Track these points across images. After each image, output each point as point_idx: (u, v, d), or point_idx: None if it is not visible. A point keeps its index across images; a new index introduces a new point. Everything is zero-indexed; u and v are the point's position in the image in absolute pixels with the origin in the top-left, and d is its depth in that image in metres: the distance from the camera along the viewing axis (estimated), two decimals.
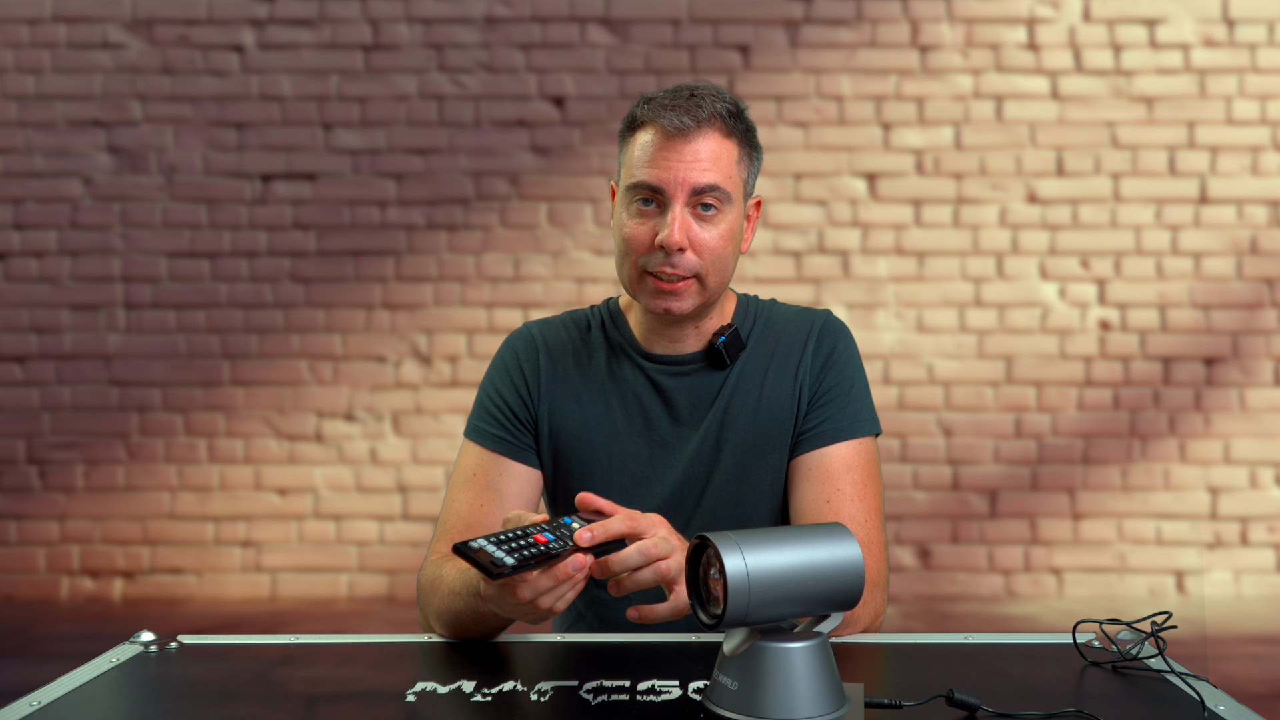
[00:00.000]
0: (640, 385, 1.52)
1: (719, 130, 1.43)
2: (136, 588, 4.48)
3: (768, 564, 1.05)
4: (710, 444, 1.50)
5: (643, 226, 1.41)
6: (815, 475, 1.47)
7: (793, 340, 1.53)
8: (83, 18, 4.51)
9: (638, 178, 1.41)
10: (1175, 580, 4.46)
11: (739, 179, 1.46)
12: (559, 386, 1.53)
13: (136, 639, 1.35)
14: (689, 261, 1.41)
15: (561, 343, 1.55)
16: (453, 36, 4.52)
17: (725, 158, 1.43)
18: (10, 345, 4.51)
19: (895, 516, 4.49)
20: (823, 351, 1.51)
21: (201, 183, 4.53)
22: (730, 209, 1.45)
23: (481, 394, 1.56)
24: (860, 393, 1.52)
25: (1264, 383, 4.47)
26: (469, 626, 1.36)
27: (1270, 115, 4.47)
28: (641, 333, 1.53)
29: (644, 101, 1.45)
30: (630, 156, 1.44)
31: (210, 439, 4.51)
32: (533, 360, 1.54)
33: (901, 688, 1.17)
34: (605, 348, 1.55)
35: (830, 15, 4.50)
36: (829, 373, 1.50)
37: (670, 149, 1.40)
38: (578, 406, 1.52)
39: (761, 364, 1.52)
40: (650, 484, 1.50)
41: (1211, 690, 1.17)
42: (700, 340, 1.52)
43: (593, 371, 1.53)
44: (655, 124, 1.41)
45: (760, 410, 1.50)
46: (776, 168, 4.50)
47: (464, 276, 4.52)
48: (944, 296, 4.50)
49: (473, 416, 1.55)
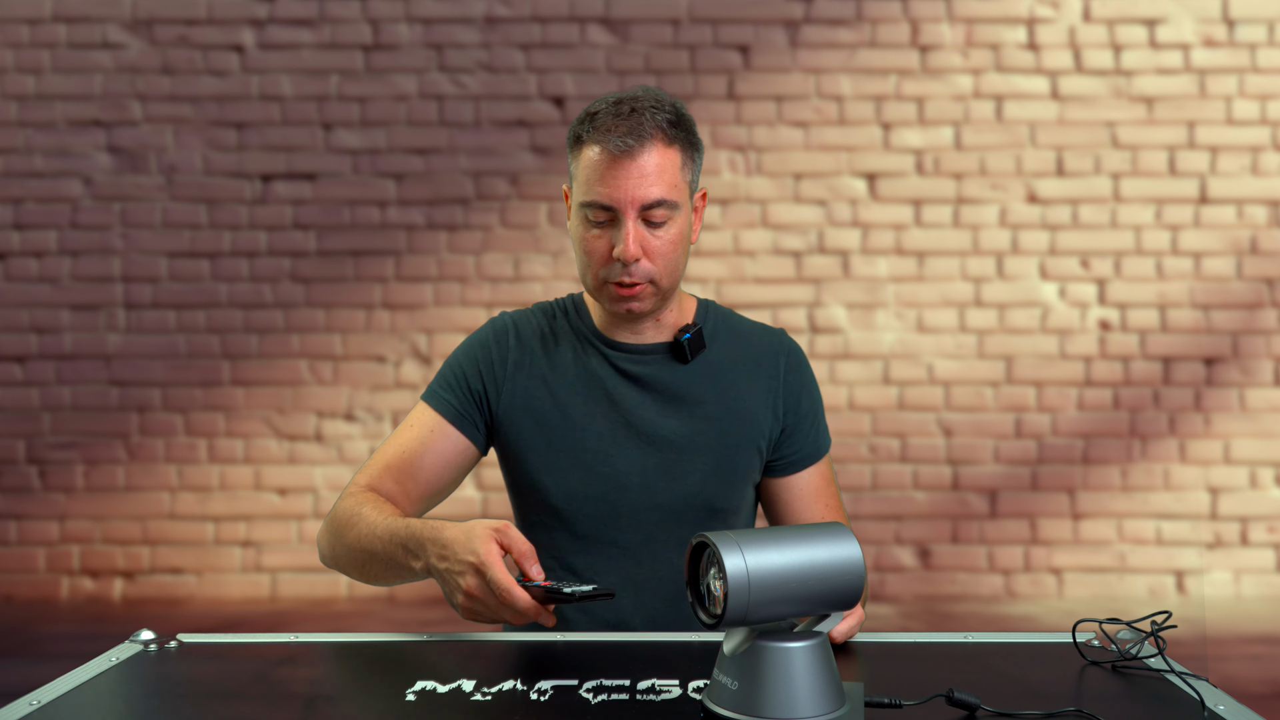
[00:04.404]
0: (605, 370, 1.59)
1: (661, 142, 1.48)
2: (136, 588, 4.48)
3: (768, 564, 1.05)
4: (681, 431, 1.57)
5: (600, 240, 1.50)
6: (807, 495, 1.63)
7: (763, 352, 1.63)
8: (83, 18, 4.51)
9: (589, 197, 1.49)
10: (1175, 580, 4.46)
11: (684, 184, 1.53)
12: (529, 369, 1.60)
13: (136, 638, 1.35)
14: (644, 269, 1.49)
15: (533, 329, 1.63)
16: (453, 36, 4.52)
17: (670, 167, 1.49)
18: (10, 345, 4.51)
19: (895, 516, 4.49)
20: (795, 373, 1.63)
21: (201, 183, 4.53)
22: (678, 215, 1.51)
23: (445, 367, 1.63)
24: (823, 412, 1.68)
25: (1264, 383, 4.47)
26: (378, 571, 1.47)
27: (1270, 115, 4.47)
28: (603, 323, 1.61)
29: (587, 118, 1.51)
30: (579, 172, 1.51)
31: (210, 439, 4.51)
32: (504, 345, 1.62)
33: (901, 687, 1.17)
34: (572, 334, 1.63)
35: (830, 15, 4.50)
36: (805, 397, 1.63)
37: (617, 167, 1.46)
38: (545, 387, 1.59)
39: (732, 366, 1.61)
40: (614, 461, 1.56)
41: (1211, 690, 1.17)
42: (660, 332, 1.60)
43: (560, 356, 1.61)
44: (601, 145, 1.47)
45: (736, 410, 1.59)
46: (776, 168, 4.50)
47: (464, 276, 4.52)
48: (944, 296, 4.50)
49: (432, 383, 1.63)
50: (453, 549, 1.30)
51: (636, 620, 1.55)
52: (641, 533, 1.56)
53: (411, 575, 1.42)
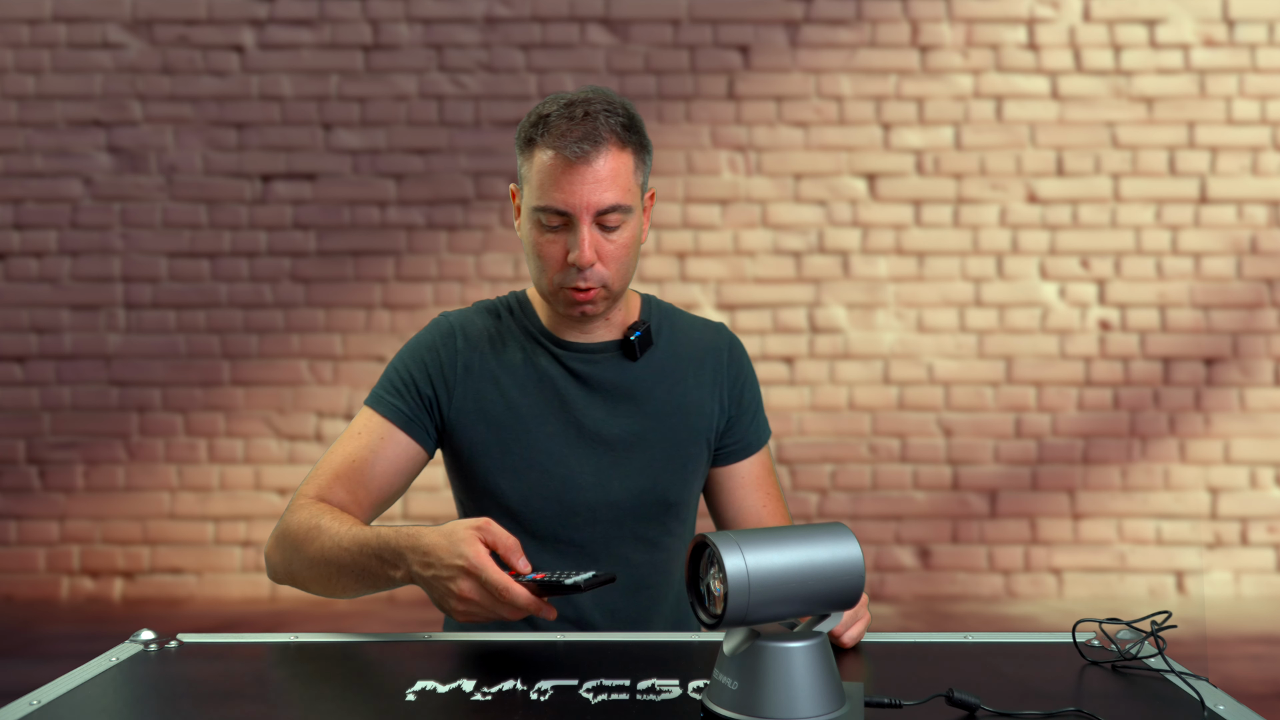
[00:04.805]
0: (555, 370, 1.59)
1: (615, 146, 1.47)
2: (136, 588, 4.48)
3: (768, 564, 1.05)
4: (633, 428, 1.58)
5: (553, 245, 1.49)
6: (749, 483, 1.66)
7: (707, 349, 1.66)
8: (83, 18, 4.51)
9: (543, 202, 1.47)
10: (1175, 580, 4.46)
11: (636, 186, 1.52)
12: (477, 371, 1.59)
13: (136, 638, 1.35)
14: (599, 273, 1.49)
15: (478, 330, 1.62)
16: (453, 36, 4.52)
17: (623, 171, 1.48)
18: (10, 345, 4.51)
19: (895, 516, 4.49)
20: (736, 365, 1.67)
21: (201, 183, 4.53)
22: (631, 219, 1.51)
23: (390, 370, 1.60)
24: (762, 403, 1.72)
25: (1264, 383, 4.47)
26: (347, 584, 1.42)
27: (1270, 115, 4.47)
28: (551, 322, 1.61)
29: (539, 120, 1.49)
30: (532, 175, 1.49)
31: (210, 439, 4.51)
32: (451, 347, 1.59)
33: (901, 687, 1.17)
34: (519, 334, 1.62)
35: (830, 15, 4.50)
36: (747, 388, 1.67)
37: (572, 173, 1.45)
38: (496, 389, 1.58)
39: (679, 363, 1.63)
40: (567, 461, 1.56)
41: (1211, 690, 1.17)
42: (610, 330, 1.61)
43: (509, 356, 1.60)
44: (556, 150, 1.46)
45: (685, 405, 1.61)
46: (776, 168, 4.50)
47: (464, 276, 4.52)
48: (944, 296, 4.50)
49: (376, 388, 1.60)
50: (436, 554, 1.28)
51: (596, 616, 1.56)
52: (598, 530, 1.57)
53: (388, 584, 1.39)
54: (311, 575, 1.45)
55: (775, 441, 4.43)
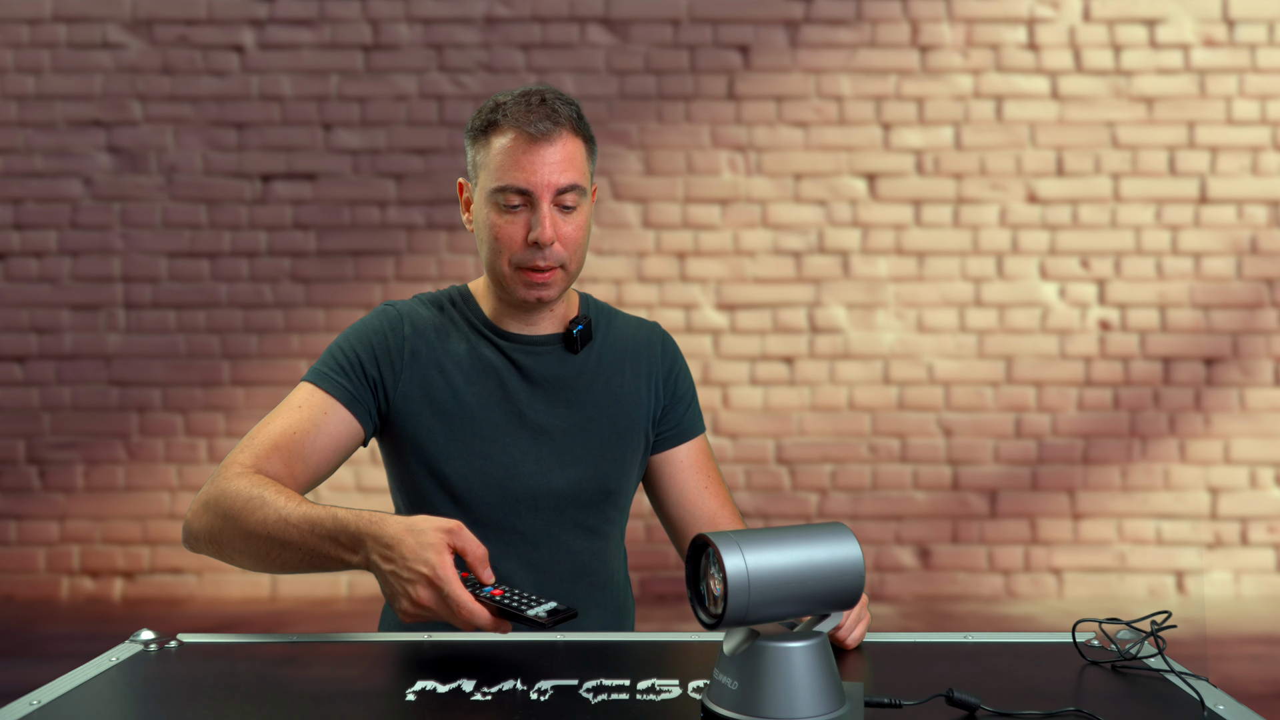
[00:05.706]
0: (498, 360, 1.62)
1: (571, 132, 1.54)
2: (136, 588, 4.48)
3: (768, 564, 1.05)
4: (573, 419, 1.62)
5: (513, 226, 1.53)
6: (689, 467, 1.71)
7: (642, 344, 1.72)
8: (83, 18, 4.51)
9: (504, 181, 1.52)
10: (1175, 580, 4.46)
11: (588, 174, 1.58)
12: (424, 358, 1.60)
13: (136, 638, 1.35)
14: (557, 253, 1.54)
15: (423, 319, 1.63)
16: (453, 36, 4.52)
17: (579, 156, 1.55)
18: (10, 345, 4.51)
19: (895, 516, 4.49)
20: (668, 360, 1.73)
21: (201, 183, 4.53)
22: (585, 202, 1.57)
23: (335, 349, 1.59)
24: (697, 396, 1.78)
25: (1264, 383, 4.47)
26: (288, 560, 1.39)
27: (1270, 115, 4.47)
28: (494, 314, 1.64)
29: (497, 107, 1.55)
30: (490, 159, 1.54)
31: (210, 439, 4.50)
32: (399, 334, 1.60)
33: (901, 687, 1.17)
34: (463, 324, 1.64)
35: (830, 15, 4.50)
36: (680, 380, 1.73)
37: (534, 152, 1.51)
38: (442, 377, 1.59)
39: (617, 357, 1.68)
40: (510, 449, 1.58)
41: (1211, 690, 1.17)
42: (554, 323, 1.65)
43: (454, 346, 1.62)
44: (517, 129, 1.52)
45: (622, 396, 1.66)
46: (776, 168, 4.50)
47: (464, 276, 4.51)
48: (944, 296, 4.50)
49: (317, 364, 1.59)
50: (400, 552, 1.26)
51: None
52: (539, 518, 1.59)
53: (337, 567, 1.36)
54: (245, 547, 1.41)
55: (775, 441, 4.43)
